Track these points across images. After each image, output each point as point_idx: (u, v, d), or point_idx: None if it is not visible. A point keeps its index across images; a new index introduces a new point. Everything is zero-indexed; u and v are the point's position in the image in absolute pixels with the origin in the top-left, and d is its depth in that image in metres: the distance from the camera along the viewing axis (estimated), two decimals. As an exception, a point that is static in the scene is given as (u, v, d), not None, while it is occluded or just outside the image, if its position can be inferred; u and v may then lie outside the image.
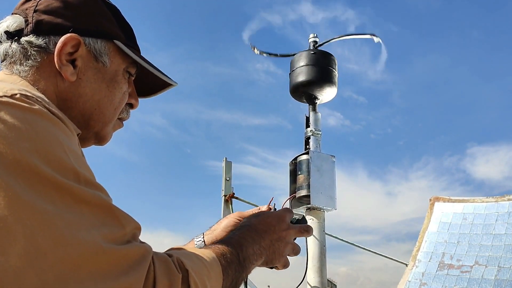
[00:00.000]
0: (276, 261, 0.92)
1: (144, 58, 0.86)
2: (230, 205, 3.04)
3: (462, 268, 3.29)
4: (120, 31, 0.82)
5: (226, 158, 4.40)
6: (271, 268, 0.97)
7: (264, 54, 1.75)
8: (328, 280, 1.55)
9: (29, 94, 0.59)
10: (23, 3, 0.77)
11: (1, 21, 0.76)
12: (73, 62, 0.75)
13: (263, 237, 0.88)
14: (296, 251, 0.97)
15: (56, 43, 0.73)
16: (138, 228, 0.62)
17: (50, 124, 0.58)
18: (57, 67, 0.73)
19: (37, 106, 0.58)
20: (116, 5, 0.86)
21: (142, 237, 0.77)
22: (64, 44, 0.73)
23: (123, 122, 0.90)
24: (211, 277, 0.68)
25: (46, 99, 0.63)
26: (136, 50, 0.85)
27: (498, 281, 3.07)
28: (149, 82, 0.90)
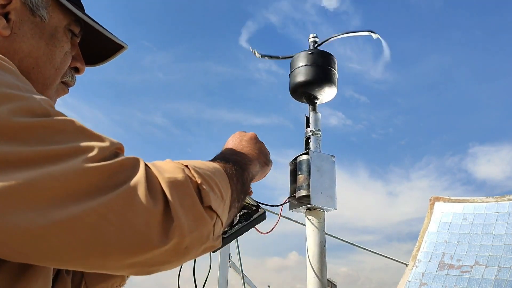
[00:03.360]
0: (268, 157, 0.95)
1: (89, 16, 0.79)
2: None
3: (462, 268, 3.29)
4: None
5: (226, 158, 4.40)
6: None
7: (266, 57, 1.75)
8: (328, 280, 1.55)
9: None
10: None
11: None
12: (6, 16, 0.69)
13: (237, 147, 0.88)
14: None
15: None
16: (121, 149, 0.58)
17: None
18: None
19: None
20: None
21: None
22: None
23: (69, 88, 0.84)
24: (222, 184, 0.66)
25: None
26: (79, 7, 0.79)
27: (498, 281, 3.07)
28: (96, 48, 0.85)
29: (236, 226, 1.02)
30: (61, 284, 0.96)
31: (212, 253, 0.98)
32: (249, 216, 1.03)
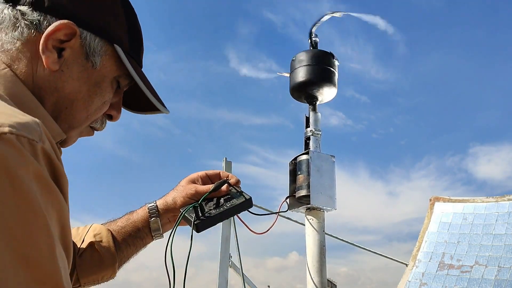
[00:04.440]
0: None
1: (143, 74, 0.78)
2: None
3: (462, 268, 3.29)
4: (126, 37, 0.75)
5: (226, 158, 4.41)
6: None
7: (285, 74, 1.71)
8: (328, 280, 1.55)
9: (20, 133, 0.49)
10: None
11: None
12: (60, 51, 0.68)
13: None
14: None
15: (50, 24, 0.66)
16: None
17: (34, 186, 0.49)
18: (40, 50, 0.66)
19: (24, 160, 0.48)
20: (135, 10, 0.77)
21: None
22: (57, 29, 0.66)
23: (95, 131, 0.82)
24: None
25: (39, 130, 0.52)
26: (137, 63, 0.78)
27: (498, 281, 3.07)
28: (141, 98, 0.81)
29: (221, 208, 1.02)
30: None
31: (195, 233, 0.98)
32: (234, 200, 1.04)
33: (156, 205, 1.09)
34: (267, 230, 1.19)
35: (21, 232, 0.46)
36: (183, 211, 1.00)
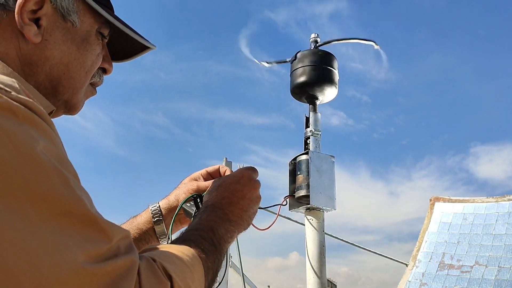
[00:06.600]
0: (251, 222, 0.88)
1: (118, 18, 0.78)
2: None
3: (462, 268, 3.29)
4: None
5: (226, 158, 4.42)
6: None
7: (274, 63, 1.73)
8: (328, 280, 1.56)
9: None
10: None
11: None
12: (37, 22, 0.67)
13: (230, 210, 0.82)
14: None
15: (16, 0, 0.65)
16: (125, 237, 0.56)
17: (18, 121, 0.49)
18: (19, 27, 0.65)
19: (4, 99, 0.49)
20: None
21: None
22: (26, 0, 0.65)
23: (96, 88, 0.83)
24: (194, 278, 0.65)
25: (17, 86, 0.53)
26: (109, 8, 0.78)
27: (498, 281, 3.07)
28: (123, 45, 0.83)
29: None
30: None
31: None
32: None
33: (159, 205, 1.09)
34: (270, 226, 1.19)
35: (29, 172, 0.47)
36: (182, 202, 1.00)
